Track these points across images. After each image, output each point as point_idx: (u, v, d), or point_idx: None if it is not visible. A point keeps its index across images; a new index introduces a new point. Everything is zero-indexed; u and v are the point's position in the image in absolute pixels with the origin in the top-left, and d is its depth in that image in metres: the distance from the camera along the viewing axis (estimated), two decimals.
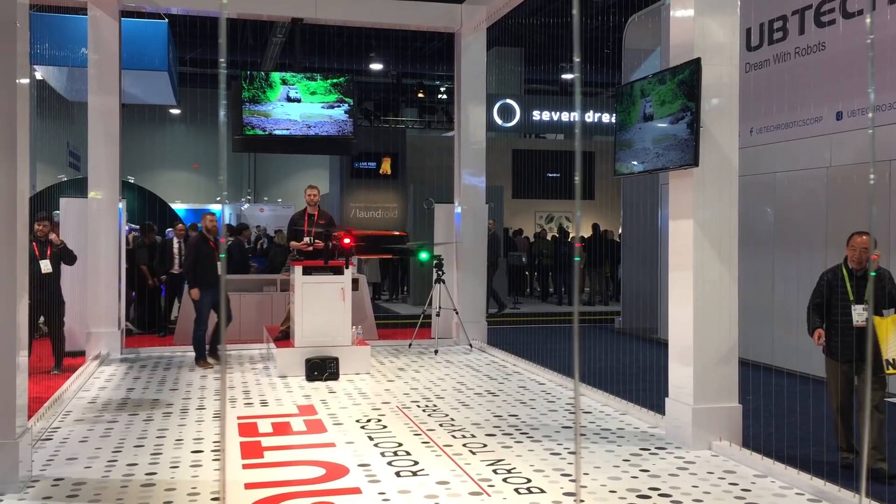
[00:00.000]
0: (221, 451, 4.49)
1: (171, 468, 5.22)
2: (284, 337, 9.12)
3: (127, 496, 4.69)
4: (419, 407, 7.06)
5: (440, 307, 10.46)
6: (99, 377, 8.42)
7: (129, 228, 12.11)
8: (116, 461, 5.37)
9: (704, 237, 5.80)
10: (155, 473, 5.11)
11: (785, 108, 9.12)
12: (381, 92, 26.39)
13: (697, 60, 5.63)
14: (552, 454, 5.59)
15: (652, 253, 11.98)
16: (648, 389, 7.40)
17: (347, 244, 8.56)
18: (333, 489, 4.83)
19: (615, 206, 17.14)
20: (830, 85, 8.60)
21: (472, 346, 10.60)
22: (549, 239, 18.18)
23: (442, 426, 6.36)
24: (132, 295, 11.45)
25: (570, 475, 5.10)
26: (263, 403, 7.19)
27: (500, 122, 22.57)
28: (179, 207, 23.61)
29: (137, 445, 5.76)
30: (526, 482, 4.98)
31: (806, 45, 8.97)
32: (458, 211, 11.05)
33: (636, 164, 6.39)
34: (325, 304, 8.55)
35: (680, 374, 5.93)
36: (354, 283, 9.50)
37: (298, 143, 10.37)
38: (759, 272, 9.30)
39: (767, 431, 6.17)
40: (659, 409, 6.40)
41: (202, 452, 5.57)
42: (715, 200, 5.81)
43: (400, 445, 5.79)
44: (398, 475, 5.09)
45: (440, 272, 10.50)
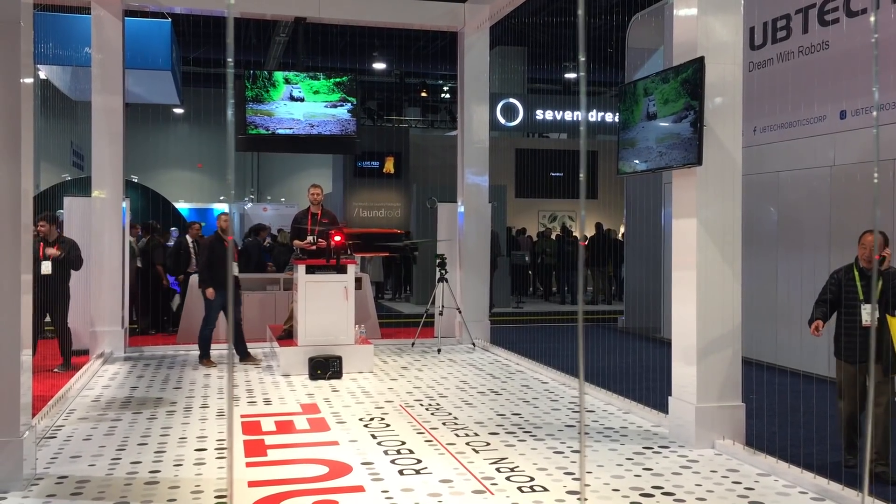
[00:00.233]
0: (228, 449, 4.49)
1: (174, 466, 5.23)
2: (288, 336, 9.14)
3: (131, 494, 4.70)
4: (422, 405, 7.07)
5: (443, 306, 10.47)
6: (103, 375, 8.44)
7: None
8: (120, 459, 5.39)
9: (708, 236, 5.79)
10: (159, 471, 5.12)
11: (788, 106, 9.11)
12: (384, 91, 26.39)
13: (701, 59, 5.62)
14: (555, 453, 5.59)
15: (655, 252, 11.96)
16: (652, 388, 7.39)
17: (338, 242, 8.56)
18: (337, 487, 4.84)
19: (618, 205, 17.11)
20: (834, 84, 8.57)
21: (475, 345, 10.60)
22: (552, 238, 18.18)
23: (445, 425, 6.37)
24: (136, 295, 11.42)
25: (573, 473, 5.10)
26: (267, 402, 7.20)
27: (503, 121, 22.55)
28: (183, 207, 23.59)
29: (141, 443, 5.77)
30: (529, 480, 4.98)
31: (810, 43, 8.95)
32: (460, 210, 11.06)
33: (639, 163, 6.39)
34: (328, 302, 8.55)
35: (683, 372, 5.93)
36: (358, 281, 9.50)
37: (301, 142, 10.37)
38: (762, 271, 9.28)
39: (771, 430, 6.15)
40: (662, 407, 6.40)
41: (206, 450, 5.59)
42: (718, 199, 5.81)
43: (403, 444, 5.80)
44: (401, 473, 5.10)
45: (443, 271, 10.51)
